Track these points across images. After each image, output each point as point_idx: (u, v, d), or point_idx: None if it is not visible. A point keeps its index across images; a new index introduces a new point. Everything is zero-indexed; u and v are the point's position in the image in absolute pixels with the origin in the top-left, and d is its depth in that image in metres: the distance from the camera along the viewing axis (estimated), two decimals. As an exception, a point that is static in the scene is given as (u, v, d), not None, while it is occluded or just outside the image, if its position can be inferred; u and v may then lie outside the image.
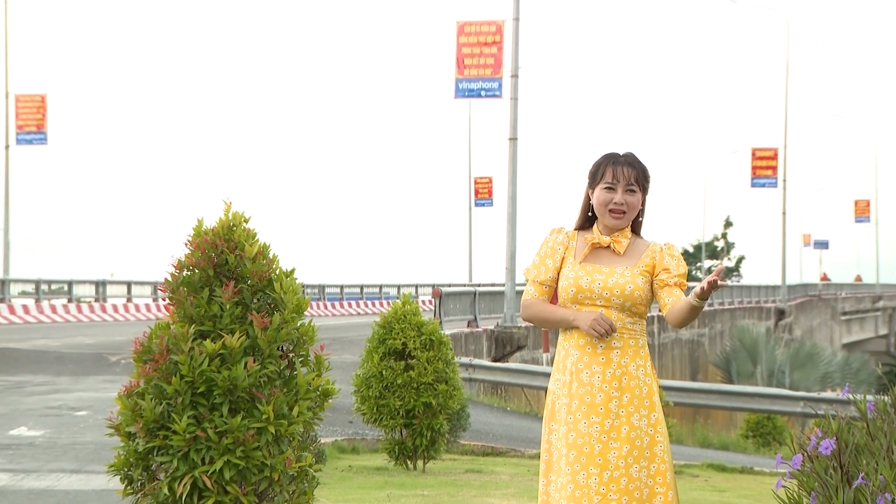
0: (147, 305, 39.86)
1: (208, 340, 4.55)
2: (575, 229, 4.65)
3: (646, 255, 4.52)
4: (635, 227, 4.62)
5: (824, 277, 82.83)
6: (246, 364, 4.55)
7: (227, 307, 4.63)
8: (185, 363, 4.51)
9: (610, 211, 4.50)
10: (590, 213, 4.61)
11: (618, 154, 4.56)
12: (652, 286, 4.49)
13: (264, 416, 4.53)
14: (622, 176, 4.49)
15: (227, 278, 4.73)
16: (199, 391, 4.52)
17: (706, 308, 48.95)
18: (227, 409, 4.53)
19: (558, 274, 4.55)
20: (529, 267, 4.63)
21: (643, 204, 4.58)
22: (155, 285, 40.39)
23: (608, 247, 4.54)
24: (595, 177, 4.55)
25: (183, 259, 4.77)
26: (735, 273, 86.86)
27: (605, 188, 4.50)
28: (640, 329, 4.48)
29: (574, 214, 4.69)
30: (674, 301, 4.45)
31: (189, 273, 4.75)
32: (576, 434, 4.36)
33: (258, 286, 4.74)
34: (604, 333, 4.36)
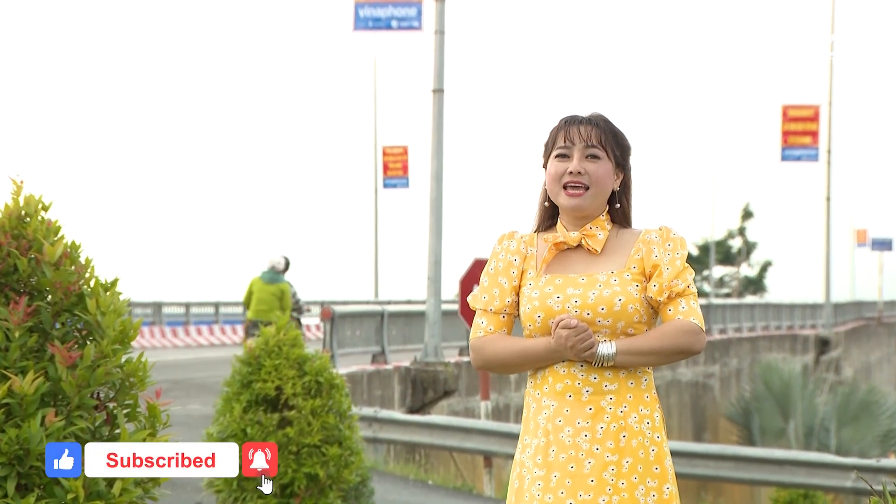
0: None
1: (-12, 384, 4.51)
2: (535, 231, 4.66)
3: (636, 249, 4.53)
4: (619, 218, 4.63)
5: None
6: (44, 419, 4.52)
7: (17, 335, 4.60)
8: (-46, 418, 4.47)
9: (564, 186, 4.51)
10: (547, 204, 4.63)
11: (577, 115, 4.58)
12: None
13: (70, 496, 4.50)
14: (578, 136, 4.51)
15: (17, 293, 4.69)
16: (-27, 459, 4.49)
17: (717, 336, 49.03)
18: (15, 486, 4.50)
19: (518, 296, 4.57)
20: (476, 293, 4.61)
21: (628, 186, 4.61)
22: None
23: (580, 245, 4.55)
24: (547, 149, 4.59)
25: (-50, 264, 4.73)
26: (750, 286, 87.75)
27: (558, 156, 4.53)
28: None
29: (529, 206, 4.70)
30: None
31: (-40, 285, 4.71)
32: (559, 518, 4.36)
33: (63, 304, 4.71)
34: (588, 345, 4.37)
